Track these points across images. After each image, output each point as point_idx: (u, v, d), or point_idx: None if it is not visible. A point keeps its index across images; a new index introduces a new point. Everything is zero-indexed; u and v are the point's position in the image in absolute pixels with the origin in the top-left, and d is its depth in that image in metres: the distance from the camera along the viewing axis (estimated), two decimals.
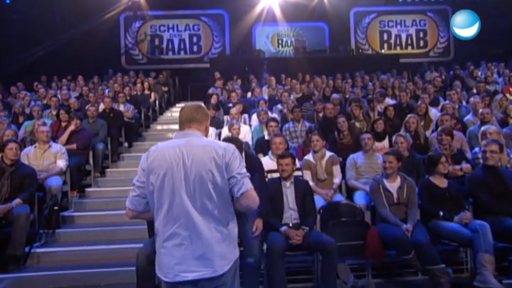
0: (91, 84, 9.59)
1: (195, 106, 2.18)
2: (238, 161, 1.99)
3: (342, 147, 5.28)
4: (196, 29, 13.84)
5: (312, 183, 4.43)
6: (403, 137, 4.70)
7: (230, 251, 1.98)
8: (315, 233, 3.59)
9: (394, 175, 3.90)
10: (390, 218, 3.69)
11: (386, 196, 3.83)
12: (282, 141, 4.55)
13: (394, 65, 11.74)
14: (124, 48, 13.46)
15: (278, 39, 14.01)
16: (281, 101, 7.54)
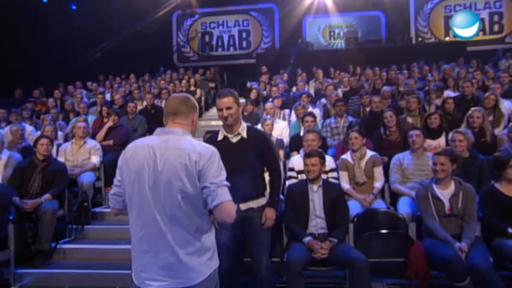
0: (141, 82, 9.72)
1: (181, 97, 2.00)
2: (215, 168, 1.77)
3: (388, 145, 4.59)
4: (246, 24, 13.57)
5: (348, 187, 3.87)
6: (463, 134, 3.88)
7: (202, 264, 1.81)
8: (344, 246, 3.05)
9: (447, 180, 3.17)
10: (439, 232, 3.01)
11: (435, 205, 3.13)
12: (315, 138, 3.99)
13: (461, 54, 10.40)
14: (176, 46, 13.61)
15: (330, 31, 13.26)
16: (326, 95, 6.91)
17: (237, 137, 2.70)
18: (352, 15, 13.05)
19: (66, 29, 11.09)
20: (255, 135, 2.76)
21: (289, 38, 12.83)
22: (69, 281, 3.74)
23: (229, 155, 2.50)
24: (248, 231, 2.73)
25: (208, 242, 1.84)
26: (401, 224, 3.35)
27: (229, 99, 2.61)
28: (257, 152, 2.71)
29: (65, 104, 7.20)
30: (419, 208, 3.24)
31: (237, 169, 2.50)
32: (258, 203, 2.74)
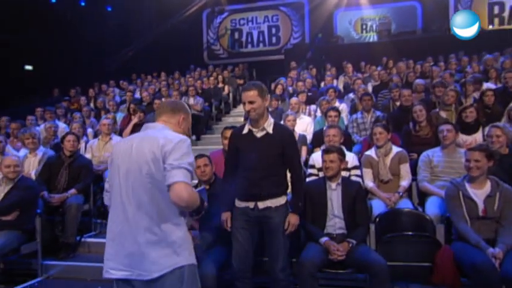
0: (170, 80, 9.84)
1: (170, 101, 2.41)
2: (180, 153, 1.77)
3: (418, 141, 4.29)
4: (275, 20, 13.42)
5: (372, 185, 3.65)
6: (500, 129, 3.54)
7: (164, 256, 1.77)
8: (363, 248, 2.86)
9: (482, 179, 2.87)
10: (471, 236, 2.74)
11: (467, 206, 2.86)
12: (337, 133, 3.80)
13: (508, 44, 9.62)
14: (206, 44, 13.71)
15: (362, 24, 12.81)
16: (354, 89, 6.63)
17: (262, 132, 2.63)
18: (386, 7, 12.54)
19: (102, 30, 11.46)
20: (281, 132, 2.66)
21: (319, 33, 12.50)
22: (92, 274, 3.75)
23: (252, 149, 2.62)
24: (266, 231, 2.67)
25: (173, 235, 1.78)
26: (428, 226, 3.08)
27: (253, 92, 2.52)
28: (281, 149, 2.62)
29: (97, 102, 7.42)
30: (449, 209, 2.98)
31: (258, 165, 2.59)
32: (277, 202, 2.64)
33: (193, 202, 1.77)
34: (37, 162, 4.57)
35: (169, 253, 1.78)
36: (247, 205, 2.65)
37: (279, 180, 2.67)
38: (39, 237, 3.72)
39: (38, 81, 9.74)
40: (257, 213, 2.63)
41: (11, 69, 9.55)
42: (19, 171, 3.67)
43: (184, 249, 1.82)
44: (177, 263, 1.78)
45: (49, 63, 9.90)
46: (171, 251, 1.78)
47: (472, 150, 2.93)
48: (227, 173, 2.80)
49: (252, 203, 2.63)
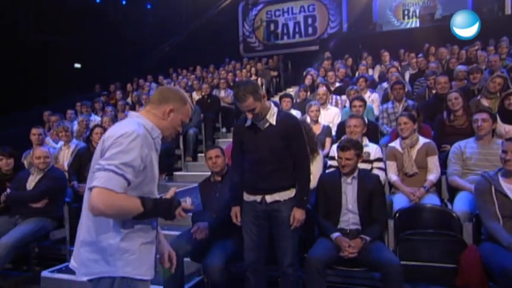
0: (205, 73, 9.93)
1: (162, 88, 2.09)
2: (116, 150, 1.54)
3: (452, 132, 3.93)
4: (312, 10, 13.03)
5: (396, 178, 3.41)
6: None
7: (93, 261, 1.60)
8: (378, 245, 2.67)
9: None
10: (501, 236, 2.47)
11: (500, 203, 2.58)
12: (359, 123, 3.58)
13: None
14: (242, 36, 13.67)
15: (403, 9, 12.03)
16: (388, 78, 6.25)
17: (265, 123, 2.51)
18: None
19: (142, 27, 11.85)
20: (286, 121, 2.53)
21: (357, 21, 11.99)
22: None
23: (256, 142, 2.53)
24: (275, 224, 2.59)
25: (105, 242, 1.60)
26: (455, 224, 2.80)
27: (249, 102, 2.36)
28: (286, 141, 2.51)
29: (132, 96, 7.66)
30: (479, 205, 2.70)
31: (263, 158, 2.51)
32: (286, 195, 2.55)
33: (109, 212, 1.52)
34: (70, 153, 4.78)
35: (98, 259, 1.61)
36: (255, 199, 2.59)
37: (287, 172, 2.55)
38: (68, 225, 3.89)
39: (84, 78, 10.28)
40: (265, 207, 2.56)
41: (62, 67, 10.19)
42: (49, 162, 3.84)
43: (117, 259, 1.61)
44: (104, 272, 1.61)
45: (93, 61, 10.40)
46: (100, 258, 1.61)
47: (509, 141, 2.65)
48: (234, 167, 2.76)
49: (259, 196, 2.57)
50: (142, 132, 1.64)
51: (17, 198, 3.65)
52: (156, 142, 1.75)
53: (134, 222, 1.62)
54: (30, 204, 3.63)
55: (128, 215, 1.58)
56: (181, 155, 5.99)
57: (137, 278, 1.63)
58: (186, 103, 1.84)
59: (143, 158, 1.60)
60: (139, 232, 1.66)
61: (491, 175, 2.70)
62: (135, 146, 1.56)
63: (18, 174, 3.91)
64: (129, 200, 1.56)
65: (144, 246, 1.68)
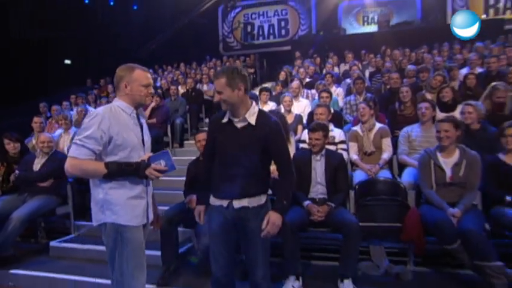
0: (188, 69, 9.97)
1: (116, 72, 2.01)
2: (82, 128, 1.86)
3: (402, 120, 4.30)
4: (284, 14, 13.23)
5: (356, 157, 3.73)
6: (472, 106, 3.54)
7: (96, 212, 1.93)
8: (340, 210, 2.95)
9: (452, 148, 2.91)
10: (434, 198, 2.82)
11: (437, 174, 2.91)
12: (324, 112, 3.88)
13: (498, 32, 9.28)
14: (221, 36, 13.69)
15: (363, 16, 12.47)
16: (350, 75, 6.60)
17: (243, 122, 2.01)
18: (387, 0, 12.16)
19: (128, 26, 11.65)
20: (266, 123, 2.01)
21: (324, 25, 12.31)
22: None
23: (230, 141, 2.03)
24: (242, 236, 2.09)
25: (98, 196, 1.92)
26: (402, 192, 3.15)
27: (221, 81, 1.94)
28: (264, 143, 2.01)
29: None
30: (420, 175, 3.03)
31: (236, 159, 2.02)
32: (255, 201, 2.04)
33: (78, 174, 1.88)
34: (69, 140, 4.81)
35: (96, 210, 1.93)
36: (221, 203, 2.07)
37: (259, 178, 2.07)
38: (71, 202, 3.98)
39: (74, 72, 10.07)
40: (232, 213, 2.04)
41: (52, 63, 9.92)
42: (52, 146, 3.90)
43: (106, 209, 1.90)
44: (100, 219, 1.92)
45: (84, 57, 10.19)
46: (97, 209, 1.93)
47: (441, 122, 2.97)
48: (204, 166, 2.24)
49: (226, 201, 2.05)
50: (106, 111, 1.89)
51: (26, 178, 3.71)
52: (132, 117, 1.98)
53: (115, 180, 1.88)
54: (37, 184, 3.71)
55: (94, 176, 1.88)
56: (169, 142, 6.10)
57: (123, 224, 1.89)
58: (134, 70, 1.95)
59: (105, 131, 1.83)
60: (123, 188, 1.90)
61: (431, 150, 3.03)
62: (94, 123, 1.82)
63: (24, 157, 3.95)
64: (92, 164, 1.84)
65: (130, 199, 1.92)
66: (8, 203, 3.60)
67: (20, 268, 3.31)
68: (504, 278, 2.33)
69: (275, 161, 2.09)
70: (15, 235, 3.38)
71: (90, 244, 3.68)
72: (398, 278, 2.88)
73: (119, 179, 1.89)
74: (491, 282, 2.35)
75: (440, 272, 2.93)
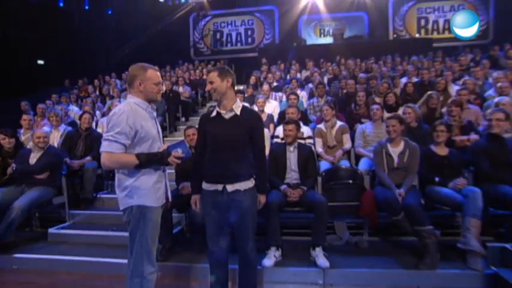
0: (163, 72, 9.95)
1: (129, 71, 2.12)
2: (110, 125, 1.96)
3: (357, 118, 4.83)
4: (251, 24, 13.58)
5: (321, 150, 4.14)
6: (411, 108, 4.11)
7: (123, 197, 2.03)
8: (311, 192, 3.31)
9: (398, 140, 3.38)
10: (386, 180, 3.27)
11: (387, 160, 3.36)
12: (295, 111, 4.27)
13: (428, 49, 10.38)
14: (192, 42, 13.72)
15: (320, 29, 13.19)
16: (312, 80, 7.10)
17: (230, 113, 2.25)
18: (340, 15, 12.94)
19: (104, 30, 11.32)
20: (249, 114, 2.29)
21: (287, 35, 12.84)
22: (107, 220, 4.09)
23: (220, 130, 2.23)
24: (235, 215, 2.27)
25: (125, 183, 2.02)
26: (359, 177, 3.60)
27: (213, 74, 2.24)
28: (248, 131, 2.24)
29: (103, 90, 7.55)
30: (374, 162, 3.44)
31: (227, 145, 2.22)
32: (245, 185, 2.25)
33: (114, 166, 2.00)
34: (59, 136, 4.78)
35: (123, 196, 2.02)
36: (216, 188, 2.25)
37: (246, 162, 2.26)
38: (66, 193, 4.02)
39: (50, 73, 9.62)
40: (226, 197, 2.23)
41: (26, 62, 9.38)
42: (47, 141, 3.91)
43: (134, 193, 2.00)
44: (128, 203, 2.01)
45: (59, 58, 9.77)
46: (124, 194, 2.02)
47: (389, 119, 3.45)
48: (196, 158, 2.37)
49: (221, 185, 2.23)
50: (128, 108, 1.98)
51: (24, 171, 3.70)
52: (148, 111, 2.09)
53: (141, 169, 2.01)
54: (34, 176, 3.71)
55: (128, 167, 1.98)
56: None
57: (147, 205, 2.03)
58: (147, 70, 2.08)
59: (131, 126, 1.95)
60: (147, 175, 2.04)
61: (383, 142, 3.48)
62: (122, 120, 1.93)
63: (20, 152, 3.91)
64: (126, 156, 1.95)
65: (153, 184, 2.06)
66: (7, 194, 3.58)
67: (22, 253, 3.33)
68: (434, 237, 2.83)
69: (253, 147, 2.29)
70: (17, 223, 3.38)
71: (85, 230, 3.76)
72: (356, 246, 3.33)
73: (145, 168, 2.02)
74: (425, 242, 2.83)
75: (389, 240, 3.43)
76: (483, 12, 12.16)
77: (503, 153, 3.11)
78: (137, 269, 2.05)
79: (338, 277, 2.82)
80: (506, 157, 3.10)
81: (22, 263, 3.23)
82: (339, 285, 2.79)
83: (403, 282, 2.74)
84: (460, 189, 3.01)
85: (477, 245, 2.68)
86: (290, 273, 2.88)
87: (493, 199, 2.96)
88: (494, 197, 2.95)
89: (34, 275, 3.09)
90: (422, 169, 3.33)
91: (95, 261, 3.16)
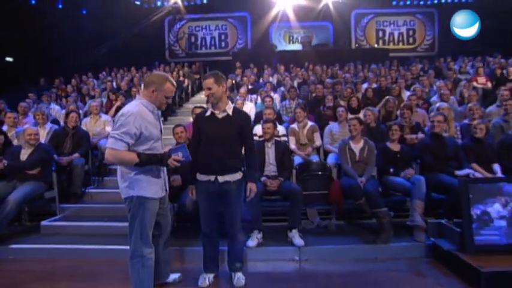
0: (140, 73, 9.95)
1: (150, 74, 2.33)
2: (119, 124, 2.10)
3: (326, 119, 5.32)
4: (224, 29, 13.80)
5: (294, 147, 4.55)
6: (371, 111, 4.67)
7: (124, 187, 2.21)
8: (287, 183, 3.69)
9: (358, 137, 3.88)
10: (350, 171, 3.75)
11: (350, 155, 3.85)
12: (271, 112, 4.67)
13: (385, 58, 11.29)
14: (168, 45, 13.71)
15: (289, 36, 13.75)
16: (284, 84, 7.55)
17: (223, 113, 2.52)
18: (308, 24, 13.55)
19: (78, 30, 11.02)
20: (239, 114, 2.60)
21: (258, 41, 13.26)
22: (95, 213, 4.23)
23: (214, 128, 2.49)
24: (225, 202, 2.59)
25: (127, 175, 2.19)
26: (327, 170, 4.06)
27: (209, 80, 2.46)
28: (239, 129, 2.52)
29: (82, 90, 7.47)
30: (339, 157, 3.92)
31: (219, 141, 2.46)
32: (234, 177, 2.54)
33: (116, 162, 2.15)
34: (45, 133, 4.77)
35: (125, 186, 2.19)
36: (209, 178, 2.52)
37: (236, 156, 2.55)
38: (56, 187, 4.09)
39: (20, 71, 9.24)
40: (217, 187, 2.51)
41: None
42: (38, 138, 3.96)
43: (134, 185, 2.17)
44: (129, 193, 2.18)
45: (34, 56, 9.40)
46: (126, 185, 2.19)
47: (351, 120, 3.95)
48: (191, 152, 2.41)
49: (213, 176, 2.50)
50: (136, 109, 2.10)
51: (16, 166, 3.74)
52: (154, 113, 2.22)
53: None
54: (26, 171, 3.75)
55: (129, 164, 2.12)
56: None
57: (147, 196, 2.20)
58: (166, 83, 2.20)
59: (137, 127, 2.08)
60: (148, 170, 2.20)
61: (346, 140, 3.96)
62: (129, 121, 2.06)
63: (10, 148, 3.93)
64: (128, 154, 2.08)
65: (152, 178, 2.23)
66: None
67: (17, 244, 3.40)
68: (388, 218, 3.33)
69: (244, 143, 2.59)
70: (11, 216, 3.44)
71: (77, 222, 3.88)
72: (326, 229, 3.78)
73: None
74: (381, 221, 3.33)
75: (352, 223, 3.92)
76: (430, 28, 13.47)
77: (442, 149, 3.70)
78: (137, 250, 2.24)
79: (311, 253, 3.23)
80: (444, 152, 3.69)
81: (18, 253, 3.31)
82: (312, 260, 3.20)
83: (364, 254, 3.22)
84: (409, 178, 3.55)
85: (421, 221, 3.22)
86: (271, 252, 3.26)
87: (434, 186, 3.52)
88: (435, 184, 3.52)
89: (31, 263, 3.18)
90: (379, 162, 3.85)
91: (90, 249, 3.31)
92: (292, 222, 3.43)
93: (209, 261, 2.77)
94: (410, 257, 3.14)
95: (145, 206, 2.21)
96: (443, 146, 3.74)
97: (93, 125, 5.37)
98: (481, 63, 9.20)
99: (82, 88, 7.55)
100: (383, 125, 4.71)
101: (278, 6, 12.94)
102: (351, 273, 2.93)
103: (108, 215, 4.10)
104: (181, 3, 12.94)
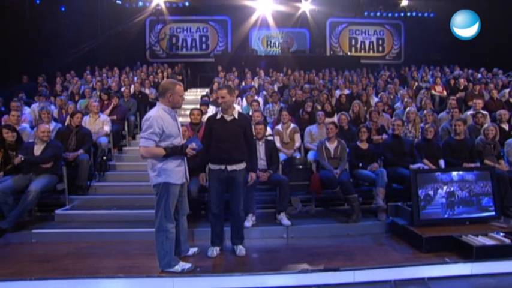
0: (124, 74, 10.29)
1: (162, 83, 2.83)
2: (145, 127, 2.69)
3: (305, 122, 6.14)
4: (205, 31, 14.26)
5: (279, 145, 5.32)
6: (344, 115, 5.56)
7: (153, 176, 2.78)
8: (276, 174, 4.41)
9: (333, 139, 4.70)
10: (326, 165, 4.57)
11: (326, 152, 4.67)
12: (259, 115, 5.40)
13: (357, 65, 12.43)
14: (149, 45, 13.98)
15: (267, 40, 14.47)
16: (265, 88, 8.32)
17: (230, 117, 3.22)
18: (286, 30, 14.39)
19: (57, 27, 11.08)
20: (243, 118, 3.31)
21: (238, 44, 13.91)
22: (101, 203, 4.74)
23: (224, 128, 3.19)
24: (232, 187, 3.27)
25: (155, 166, 2.74)
26: (308, 164, 4.87)
27: (224, 91, 3.19)
28: (243, 129, 3.23)
29: (72, 89, 7.78)
30: (318, 154, 4.74)
31: (228, 139, 3.16)
32: (240, 166, 3.26)
33: (149, 156, 2.68)
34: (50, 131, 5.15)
35: (155, 175, 2.73)
36: (220, 167, 3.22)
37: (242, 150, 3.25)
38: (66, 180, 4.55)
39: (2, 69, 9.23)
40: (226, 174, 3.21)
41: None
42: (49, 135, 4.41)
43: (162, 174, 2.73)
44: (158, 180, 2.73)
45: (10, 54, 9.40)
46: (155, 174, 2.73)
47: (328, 124, 4.77)
48: (204, 147, 3.18)
49: (223, 166, 3.21)
50: (156, 114, 2.66)
51: (32, 161, 4.17)
52: (171, 115, 2.79)
53: None
54: (40, 165, 4.20)
55: (158, 157, 2.71)
56: (126, 135, 6.77)
57: (171, 182, 2.78)
58: (176, 85, 2.77)
59: (159, 128, 2.65)
60: (172, 160, 2.78)
61: (323, 141, 4.80)
62: (153, 123, 2.64)
63: (24, 144, 4.34)
64: (156, 149, 2.68)
65: (176, 167, 2.81)
66: (17, 180, 4.03)
67: (38, 229, 3.87)
68: (358, 202, 4.16)
69: (246, 141, 3.28)
70: (32, 204, 3.90)
71: (86, 210, 4.39)
72: (307, 213, 4.57)
73: None
74: (352, 205, 4.16)
75: (329, 208, 4.74)
76: (397, 38, 14.91)
77: (400, 147, 4.64)
78: (162, 225, 2.84)
79: (296, 231, 3.99)
80: (402, 150, 4.63)
81: (40, 236, 3.77)
82: (297, 236, 3.96)
83: (338, 231, 4.04)
84: (374, 171, 4.45)
85: (382, 204, 4.11)
86: (263, 231, 3.98)
87: (394, 177, 4.44)
88: (394, 175, 4.44)
89: (54, 245, 3.65)
90: (350, 158, 4.73)
91: (106, 232, 3.85)
92: (281, 206, 4.18)
93: (216, 237, 3.45)
94: (375, 233, 4.02)
95: (170, 191, 2.79)
96: (402, 145, 4.69)
97: (92, 124, 5.80)
98: (439, 72, 10.57)
99: (74, 87, 7.83)
100: (354, 127, 5.62)
101: (258, 11, 13.70)
102: (328, 246, 3.71)
103: (114, 205, 4.64)
104: (164, 6, 13.31)
